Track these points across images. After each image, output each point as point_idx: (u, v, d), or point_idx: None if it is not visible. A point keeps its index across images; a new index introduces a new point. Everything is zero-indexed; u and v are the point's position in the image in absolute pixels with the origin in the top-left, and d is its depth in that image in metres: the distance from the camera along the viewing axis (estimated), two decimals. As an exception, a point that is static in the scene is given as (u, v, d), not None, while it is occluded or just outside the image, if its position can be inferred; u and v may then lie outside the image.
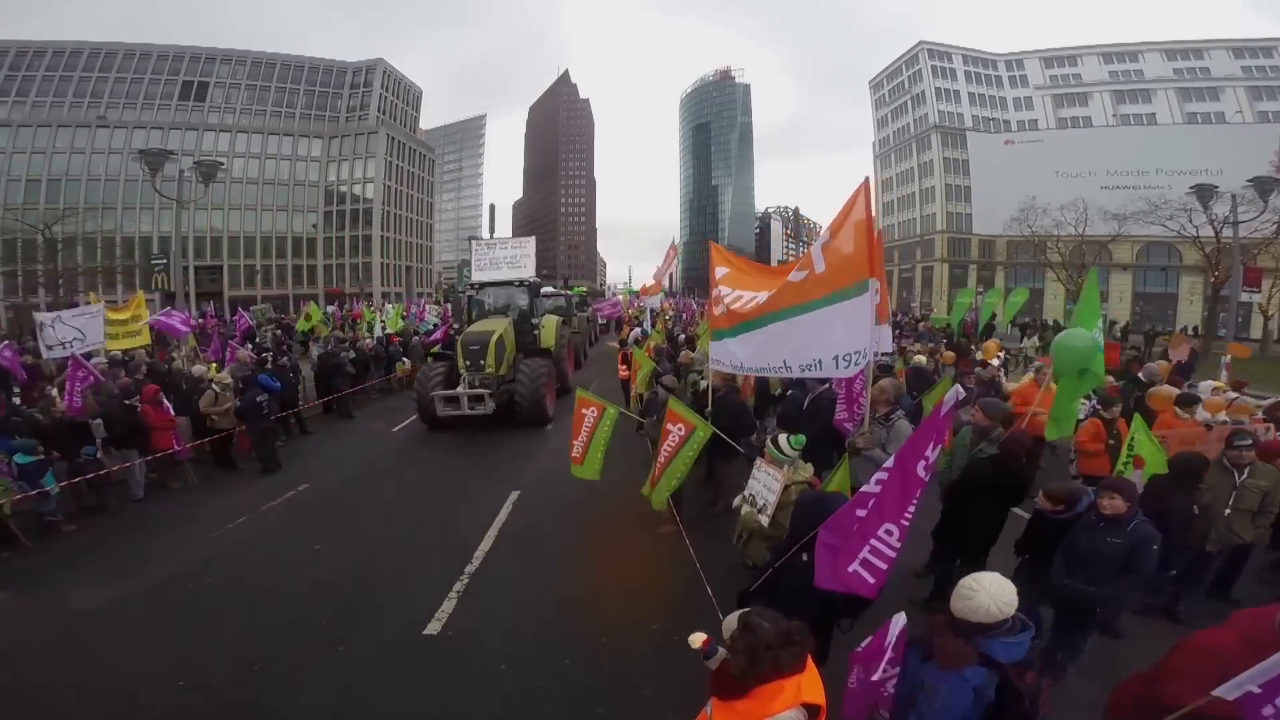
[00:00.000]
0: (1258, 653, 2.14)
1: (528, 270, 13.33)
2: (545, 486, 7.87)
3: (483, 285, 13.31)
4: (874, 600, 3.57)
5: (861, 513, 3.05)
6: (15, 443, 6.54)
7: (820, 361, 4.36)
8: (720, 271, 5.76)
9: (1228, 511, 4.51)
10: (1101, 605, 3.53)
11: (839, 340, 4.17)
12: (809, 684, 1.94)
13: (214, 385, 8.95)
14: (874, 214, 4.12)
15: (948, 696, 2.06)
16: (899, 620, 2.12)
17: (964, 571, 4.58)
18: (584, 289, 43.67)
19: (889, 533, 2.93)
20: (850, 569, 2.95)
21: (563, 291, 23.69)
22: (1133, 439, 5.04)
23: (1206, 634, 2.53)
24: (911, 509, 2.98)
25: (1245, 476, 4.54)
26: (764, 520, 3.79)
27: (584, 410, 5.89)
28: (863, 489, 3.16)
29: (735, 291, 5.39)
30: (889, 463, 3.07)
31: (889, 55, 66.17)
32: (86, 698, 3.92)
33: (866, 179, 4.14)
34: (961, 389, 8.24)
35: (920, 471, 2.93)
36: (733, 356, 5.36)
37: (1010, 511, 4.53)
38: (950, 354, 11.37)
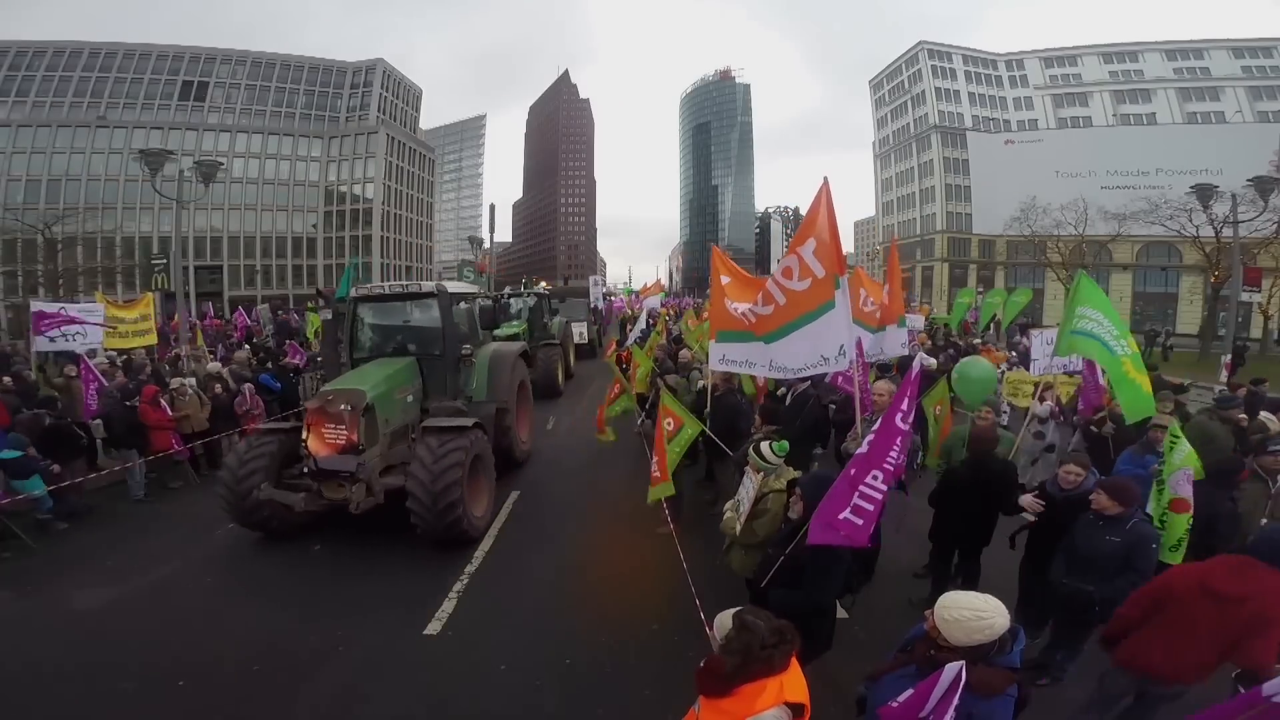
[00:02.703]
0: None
1: None
2: (545, 486, 7.88)
3: None
4: (871, 577, 3.77)
5: (853, 471, 3.26)
6: (10, 436, 6.49)
7: (812, 364, 4.78)
8: (724, 280, 5.93)
9: (1264, 521, 4.25)
10: (1102, 605, 3.53)
11: (825, 342, 4.56)
12: (791, 683, 1.96)
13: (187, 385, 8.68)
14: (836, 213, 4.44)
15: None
16: (952, 670, 1.98)
17: (960, 573, 4.64)
18: (544, 285, 28.69)
19: (875, 478, 3.13)
20: (841, 516, 3.11)
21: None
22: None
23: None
24: (893, 454, 3.21)
25: None
26: (737, 527, 3.78)
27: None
28: (856, 454, 3.36)
29: (736, 303, 5.58)
30: (875, 426, 3.30)
31: (892, 52, 66.09)
32: (86, 698, 3.92)
33: (826, 179, 4.44)
34: (928, 356, 8.15)
35: (898, 422, 3.20)
36: (740, 357, 5.54)
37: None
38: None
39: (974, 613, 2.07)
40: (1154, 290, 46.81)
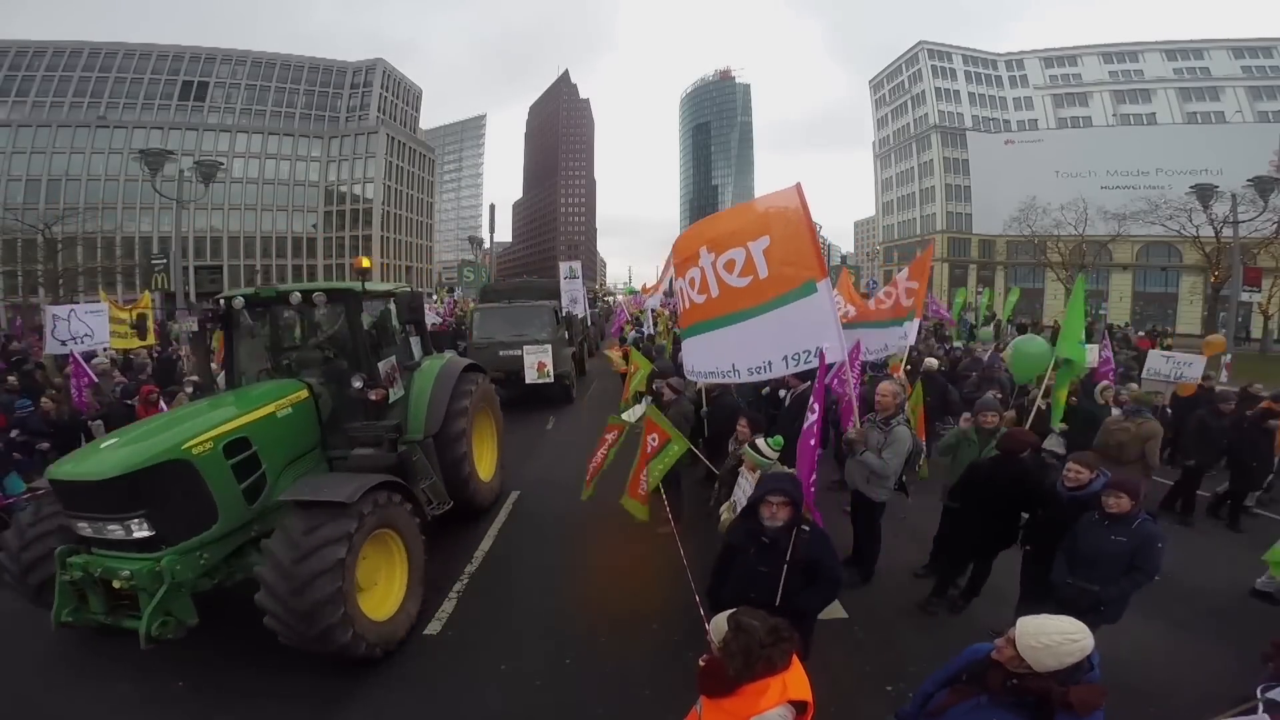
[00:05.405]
0: None
1: None
2: (545, 487, 7.86)
3: None
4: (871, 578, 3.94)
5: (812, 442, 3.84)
6: None
7: (770, 363, 4.48)
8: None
9: None
10: (1105, 604, 3.52)
11: (788, 340, 4.30)
12: (794, 681, 1.96)
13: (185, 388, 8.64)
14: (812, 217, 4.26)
15: None
16: None
17: (972, 573, 4.61)
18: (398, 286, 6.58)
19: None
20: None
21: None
22: None
23: None
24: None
25: None
26: None
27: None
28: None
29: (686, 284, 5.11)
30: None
31: (898, 48, 66.06)
32: (83, 699, 3.92)
33: (798, 184, 4.24)
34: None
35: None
36: (689, 362, 5.34)
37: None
38: None
39: (1064, 636, 2.03)
40: (1154, 290, 46.84)
